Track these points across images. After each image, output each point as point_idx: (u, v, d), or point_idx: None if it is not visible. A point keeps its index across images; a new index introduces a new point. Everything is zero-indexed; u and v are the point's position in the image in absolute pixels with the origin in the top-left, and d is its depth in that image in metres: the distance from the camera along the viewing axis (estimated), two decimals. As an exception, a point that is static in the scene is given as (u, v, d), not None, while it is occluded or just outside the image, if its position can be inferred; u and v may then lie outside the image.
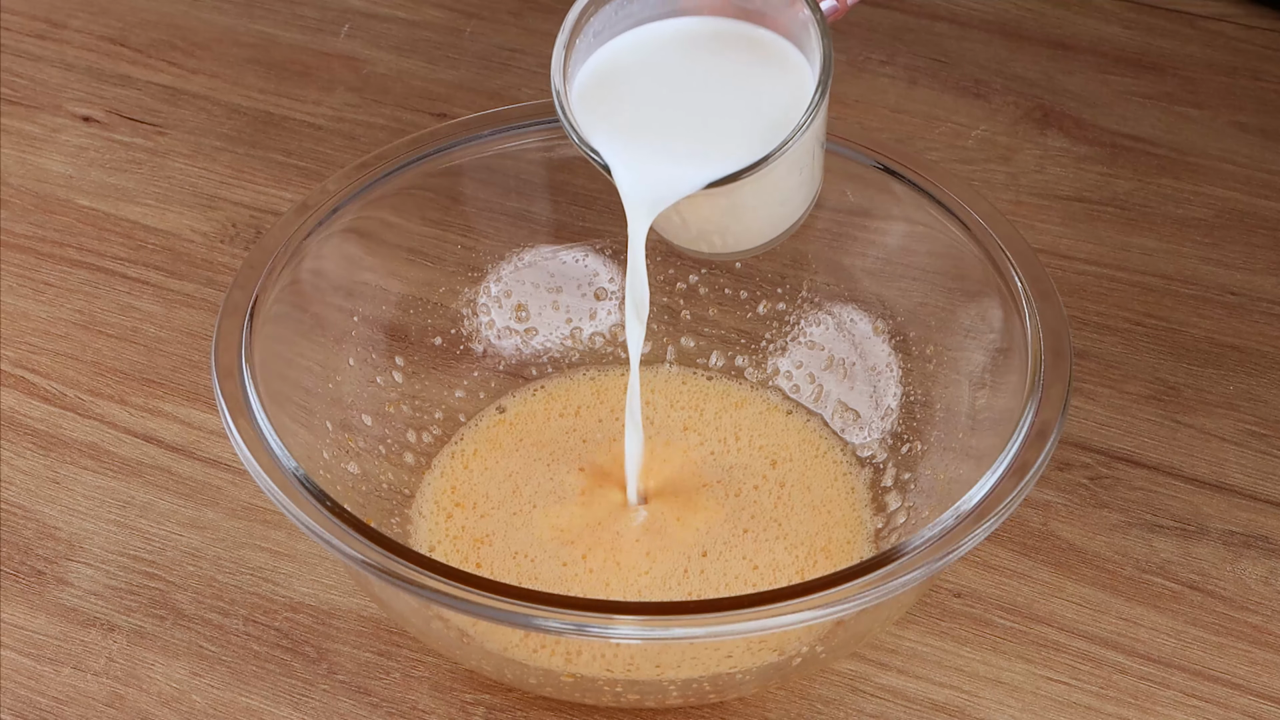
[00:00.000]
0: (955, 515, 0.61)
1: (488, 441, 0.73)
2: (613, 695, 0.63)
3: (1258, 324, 0.81)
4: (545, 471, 0.71)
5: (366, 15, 0.98)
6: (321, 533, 0.60)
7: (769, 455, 0.72)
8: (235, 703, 0.67)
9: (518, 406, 0.74)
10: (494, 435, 0.73)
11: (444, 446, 0.73)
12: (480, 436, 0.73)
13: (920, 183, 0.72)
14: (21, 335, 0.80)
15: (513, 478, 0.71)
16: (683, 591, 0.67)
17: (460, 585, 0.58)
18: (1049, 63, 0.95)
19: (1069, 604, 0.70)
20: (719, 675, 0.63)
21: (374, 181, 0.72)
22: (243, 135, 0.91)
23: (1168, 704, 0.67)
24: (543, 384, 0.75)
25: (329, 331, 0.72)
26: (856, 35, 0.97)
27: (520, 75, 0.94)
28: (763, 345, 0.76)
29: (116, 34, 0.97)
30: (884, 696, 0.67)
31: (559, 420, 0.73)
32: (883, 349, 0.74)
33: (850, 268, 0.75)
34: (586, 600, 0.58)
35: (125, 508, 0.73)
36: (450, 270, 0.76)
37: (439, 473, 0.72)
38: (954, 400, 0.71)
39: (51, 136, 0.91)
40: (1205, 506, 0.74)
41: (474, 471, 0.72)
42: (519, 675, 0.63)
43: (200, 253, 0.84)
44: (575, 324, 0.76)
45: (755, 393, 0.75)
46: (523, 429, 0.73)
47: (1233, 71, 0.94)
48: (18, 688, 0.67)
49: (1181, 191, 0.88)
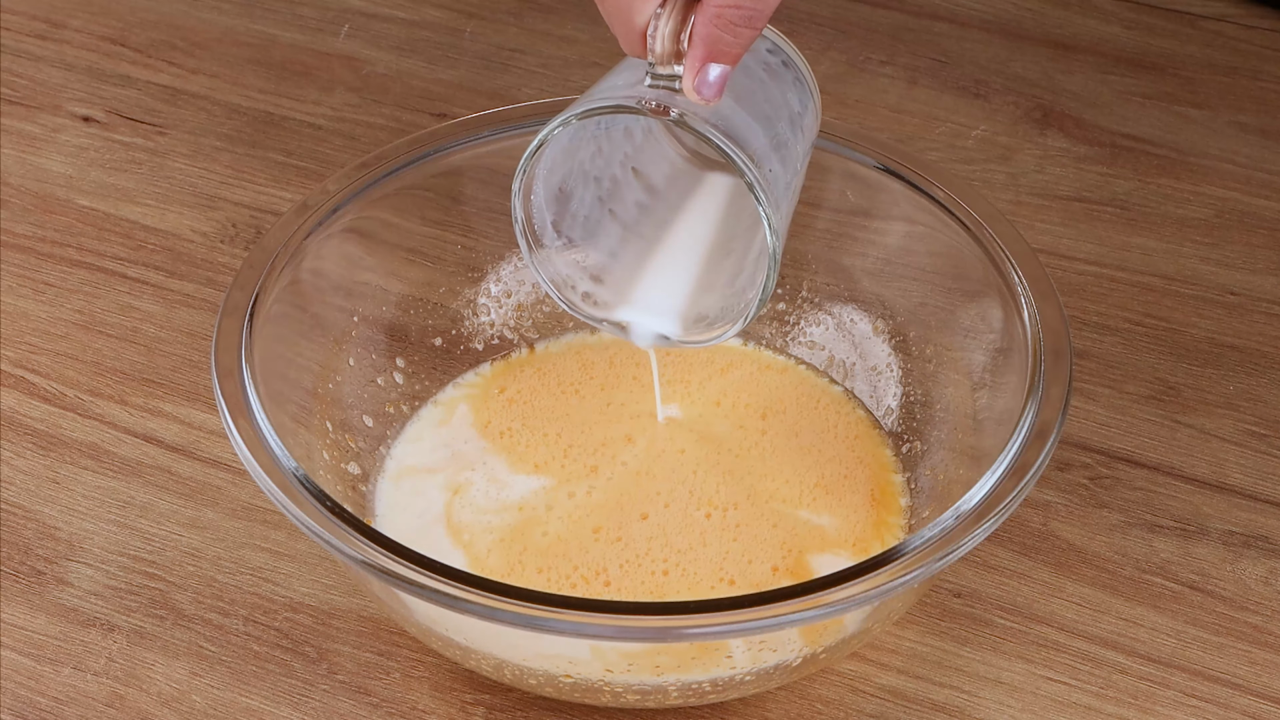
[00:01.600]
0: (955, 515, 0.61)
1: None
2: (612, 695, 0.63)
3: (1258, 324, 0.81)
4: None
5: (366, 15, 0.98)
6: (321, 533, 0.60)
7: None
8: (235, 703, 0.67)
9: (518, 385, 0.74)
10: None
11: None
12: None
13: (920, 183, 0.72)
14: (21, 335, 0.80)
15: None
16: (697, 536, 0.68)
17: (462, 586, 0.58)
18: (1049, 63, 0.95)
19: (1069, 604, 0.70)
20: (718, 678, 0.63)
21: (374, 181, 0.72)
22: (243, 135, 0.91)
23: (1168, 704, 0.67)
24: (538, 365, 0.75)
25: (329, 332, 0.72)
26: (856, 35, 0.97)
27: (520, 75, 0.94)
28: (763, 345, 0.76)
29: (116, 34, 0.97)
30: (884, 696, 0.67)
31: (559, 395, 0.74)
32: (883, 349, 0.74)
33: (850, 268, 0.75)
34: (587, 601, 0.58)
35: (125, 508, 0.73)
36: (450, 270, 0.76)
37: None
38: (954, 400, 0.71)
39: (51, 136, 0.91)
40: (1205, 506, 0.74)
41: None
42: (518, 676, 0.63)
43: (200, 253, 0.84)
44: (576, 323, 0.77)
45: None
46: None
47: (1233, 71, 0.94)
48: (18, 688, 0.67)
49: (1181, 191, 0.88)
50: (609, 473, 0.71)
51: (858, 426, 0.73)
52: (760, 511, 0.69)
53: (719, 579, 0.67)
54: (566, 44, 0.97)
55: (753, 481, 0.70)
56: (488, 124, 0.74)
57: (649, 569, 0.67)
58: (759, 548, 0.68)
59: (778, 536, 0.68)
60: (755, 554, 0.68)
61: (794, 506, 0.69)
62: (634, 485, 0.70)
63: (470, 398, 0.74)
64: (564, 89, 0.93)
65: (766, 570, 0.67)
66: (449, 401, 0.74)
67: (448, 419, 0.73)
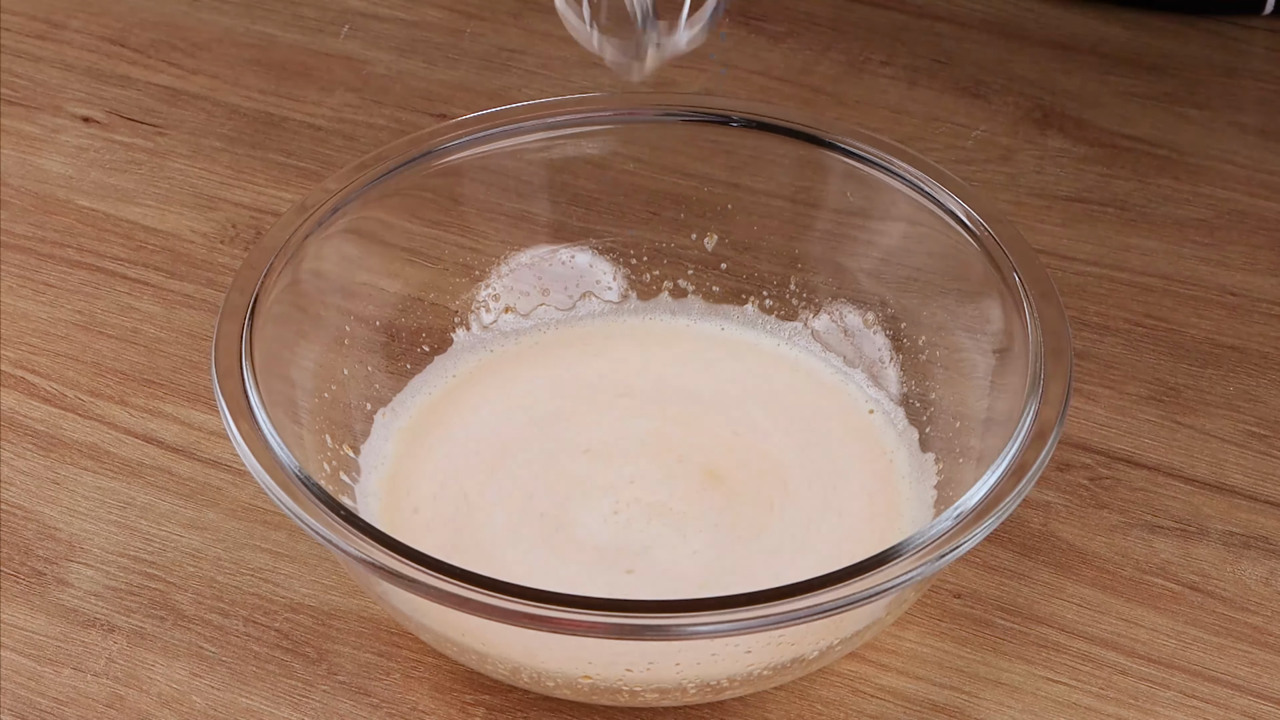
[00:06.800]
0: (955, 515, 0.61)
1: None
2: (630, 695, 0.63)
3: (1258, 324, 0.81)
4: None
5: (366, 15, 0.98)
6: (324, 532, 0.60)
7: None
8: (235, 703, 0.67)
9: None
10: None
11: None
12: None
13: (920, 183, 0.72)
14: (21, 336, 0.80)
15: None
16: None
17: (468, 586, 0.58)
18: (1049, 63, 0.95)
19: (1069, 604, 0.70)
20: (735, 674, 0.63)
21: (373, 181, 0.72)
22: (243, 135, 0.91)
23: (1168, 704, 0.67)
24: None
25: (329, 332, 0.72)
26: (856, 35, 0.97)
27: (520, 76, 0.94)
28: (763, 345, 0.76)
29: (116, 34, 0.97)
30: (884, 696, 0.67)
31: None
32: (882, 349, 0.74)
33: (850, 268, 0.75)
34: (600, 600, 0.58)
35: (125, 508, 0.73)
36: (449, 271, 0.76)
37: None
38: (954, 400, 0.71)
39: (51, 137, 0.91)
40: (1205, 507, 0.74)
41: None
42: (535, 679, 0.63)
43: (200, 253, 0.84)
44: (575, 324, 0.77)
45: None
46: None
47: (1233, 71, 0.94)
48: (18, 688, 0.68)
49: (1181, 191, 0.88)
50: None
51: (857, 426, 0.73)
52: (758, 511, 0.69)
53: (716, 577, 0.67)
54: (566, 44, 0.96)
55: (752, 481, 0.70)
56: (487, 124, 0.74)
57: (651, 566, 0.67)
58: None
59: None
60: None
61: (793, 505, 0.69)
62: (635, 483, 0.70)
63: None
64: (564, 89, 0.93)
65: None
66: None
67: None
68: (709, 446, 0.72)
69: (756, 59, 0.96)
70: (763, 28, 0.97)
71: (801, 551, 0.68)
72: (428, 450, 0.72)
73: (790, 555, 0.68)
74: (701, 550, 0.68)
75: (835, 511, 0.69)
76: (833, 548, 0.68)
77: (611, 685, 0.63)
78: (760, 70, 0.95)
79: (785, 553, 0.68)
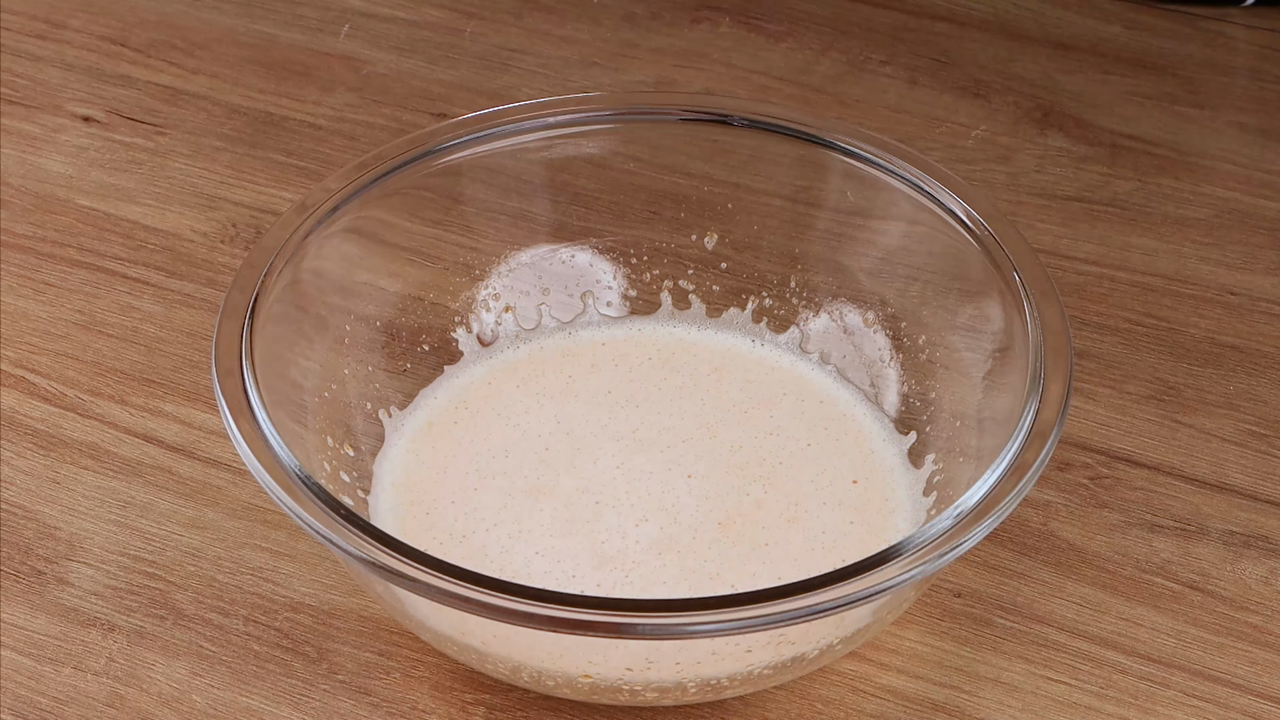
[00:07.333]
0: (955, 515, 0.61)
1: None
2: (630, 694, 0.63)
3: (1258, 324, 0.81)
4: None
5: (366, 15, 0.98)
6: (324, 531, 0.60)
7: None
8: (235, 703, 0.67)
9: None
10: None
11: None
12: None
13: (920, 183, 0.72)
14: (21, 335, 0.80)
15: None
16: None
17: (469, 585, 0.58)
18: (1049, 63, 0.95)
19: (1069, 604, 0.70)
20: (735, 673, 0.63)
21: (373, 181, 0.72)
22: (243, 135, 0.91)
23: (1168, 704, 0.67)
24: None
25: (329, 331, 0.72)
26: (856, 35, 0.97)
27: (520, 75, 0.94)
28: (762, 344, 0.76)
29: (116, 34, 0.97)
30: (884, 696, 0.67)
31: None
32: (882, 348, 0.74)
33: (850, 268, 0.75)
34: (600, 600, 0.58)
35: (125, 508, 0.73)
36: (449, 270, 0.76)
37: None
38: (954, 400, 0.71)
39: (51, 136, 0.91)
40: (1205, 506, 0.74)
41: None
42: (535, 678, 0.63)
43: (200, 253, 0.84)
44: (574, 324, 0.77)
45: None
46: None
47: (1233, 71, 0.94)
48: (18, 688, 0.68)
49: (1181, 191, 0.88)
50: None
51: (857, 425, 0.73)
52: (759, 510, 0.69)
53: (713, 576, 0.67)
54: (566, 44, 0.97)
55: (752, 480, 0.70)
56: (487, 124, 0.74)
57: (653, 568, 0.67)
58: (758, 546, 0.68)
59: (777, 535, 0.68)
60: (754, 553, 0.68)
61: (793, 505, 0.69)
62: (635, 484, 0.70)
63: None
64: (564, 89, 0.93)
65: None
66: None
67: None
68: (710, 449, 0.72)
69: (756, 58, 0.96)
70: (763, 27, 0.98)
71: (801, 551, 0.68)
72: (435, 453, 0.72)
73: (790, 555, 0.68)
74: (702, 550, 0.68)
75: (835, 511, 0.69)
76: (832, 547, 0.68)
77: (611, 685, 0.63)
78: (760, 70, 0.95)
79: (785, 552, 0.68)
